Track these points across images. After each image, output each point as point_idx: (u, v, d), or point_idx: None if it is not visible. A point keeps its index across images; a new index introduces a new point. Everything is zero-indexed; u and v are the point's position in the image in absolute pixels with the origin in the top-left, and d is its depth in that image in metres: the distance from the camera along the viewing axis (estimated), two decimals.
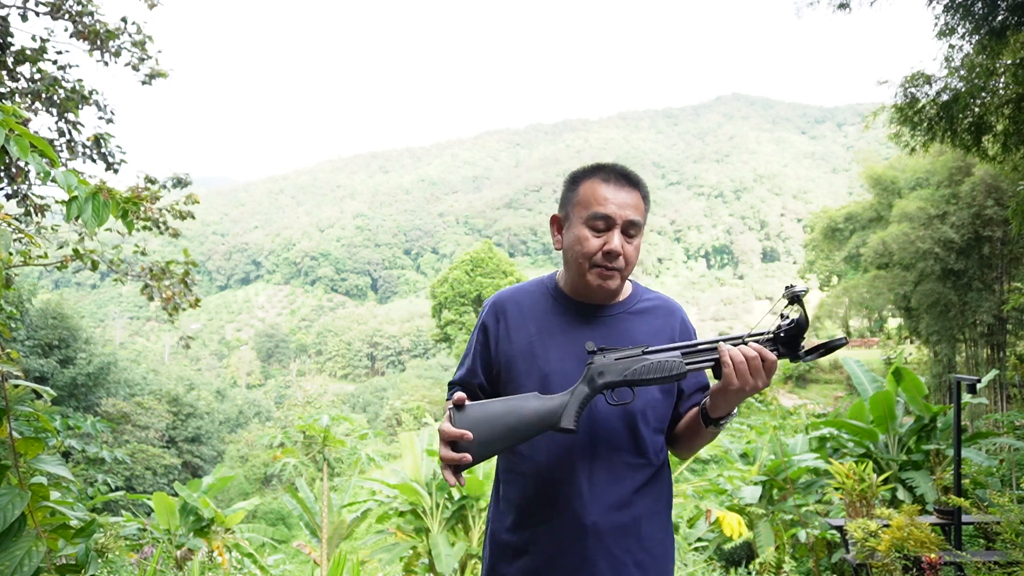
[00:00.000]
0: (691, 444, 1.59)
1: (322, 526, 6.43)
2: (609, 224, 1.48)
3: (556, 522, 1.47)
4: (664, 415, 1.58)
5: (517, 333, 1.58)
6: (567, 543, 1.46)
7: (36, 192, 4.80)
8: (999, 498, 3.34)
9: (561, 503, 1.47)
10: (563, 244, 1.56)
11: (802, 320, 1.33)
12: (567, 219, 1.55)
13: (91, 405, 21.39)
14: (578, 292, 1.57)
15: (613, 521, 1.47)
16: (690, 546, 6.73)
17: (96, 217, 1.63)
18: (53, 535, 1.76)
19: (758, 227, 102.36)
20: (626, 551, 1.48)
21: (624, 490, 1.49)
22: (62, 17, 4.99)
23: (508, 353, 1.58)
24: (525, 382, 1.53)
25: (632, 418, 1.51)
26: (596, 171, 1.54)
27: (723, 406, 1.42)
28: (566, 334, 1.55)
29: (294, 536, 18.95)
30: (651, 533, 1.52)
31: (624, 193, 1.50)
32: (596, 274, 1.50)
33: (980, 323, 15.66)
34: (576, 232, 1.51)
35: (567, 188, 1.57)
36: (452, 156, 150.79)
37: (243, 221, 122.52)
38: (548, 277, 1.67)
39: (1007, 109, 6.58)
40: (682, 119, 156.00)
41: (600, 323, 1.56)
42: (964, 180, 14.58)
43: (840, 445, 7.24)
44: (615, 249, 1.47)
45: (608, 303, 1.59)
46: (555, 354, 1.53)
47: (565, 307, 1.59)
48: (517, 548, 1.52)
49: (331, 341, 72.19)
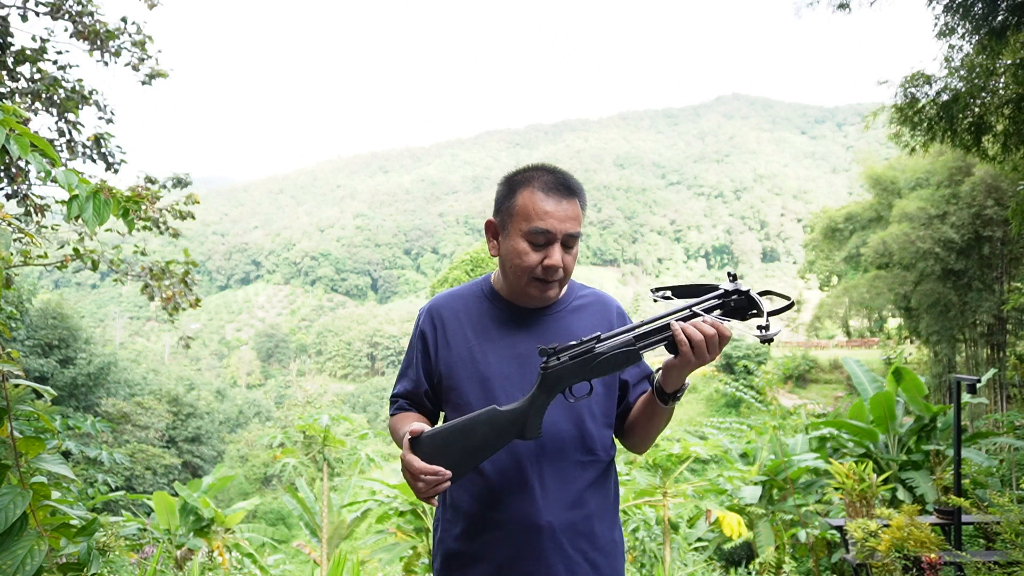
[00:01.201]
0: (647, 430, 1.56)
1: (322, 526, 6.43)
2: (549, 239, 1.44)
3: (510, 526, 1.45)
4: (609, 409, 1.57)
5: (455, 339, 1.56)
6: (522, 546, 1.45)
7: (36, 192, 4.80)
8: (999, 498, 3.34)
9: (514, 507, 1.45)
10: (500, 252, 1.53)
11: (751, 292, 1.32)
12: (504, 228, 1.51)
13: (91, 405, 21.39)
14: (516, 297, 1.56)
15: (566, 520, 1.46)
16: (690, 546, 6.73)
17: (97, 216, 1.62)
18: (55, 534, 1.76)
19: (758, 227, 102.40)
20: (579, 550, 1.47)
21: (575, 488, 1.48)
22: (62, 17, 4.99)
23: (448, 360, 1.56)
24: (467, 388, 1.52)
25: (579, 415, 1.51)
26: (533, 179, 1.47)
27: (677, 380, 1.40)
28: (504, 338, 1.54)
29: (294, 536, 18.96)
30: (602, 531, 1.52)
31: (564, 205, 1.45)
32: (535, 287, 1.49)
33: (980, 323, 15.65)
34: (514, 244, 1.47)
35: (504, 193, 1.52)
36: (452, 156, 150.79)
37: (243, 221, 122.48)
38: (483, 280, 1.64)
39: (1007, 109, 6.57)
40: (682, 119, 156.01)
41: (538, 324, 1.56)
42: (964, 180, 14.58)
43: (840, 445, 7.24)
44: (556, 264, 1.45)
45: (545, 304, 1.58)
46: (494, 358, 1.52)
47: (502, 310, 1.57)
48: (470, 556, 1.50)
49: (331, 341, 72.14)
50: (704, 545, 7.14)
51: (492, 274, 1.65)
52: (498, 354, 1.53)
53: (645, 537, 6.13)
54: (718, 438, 8.78)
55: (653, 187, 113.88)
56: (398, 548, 6.09)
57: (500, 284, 1.60)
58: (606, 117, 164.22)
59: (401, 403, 1.63)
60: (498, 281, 1.61)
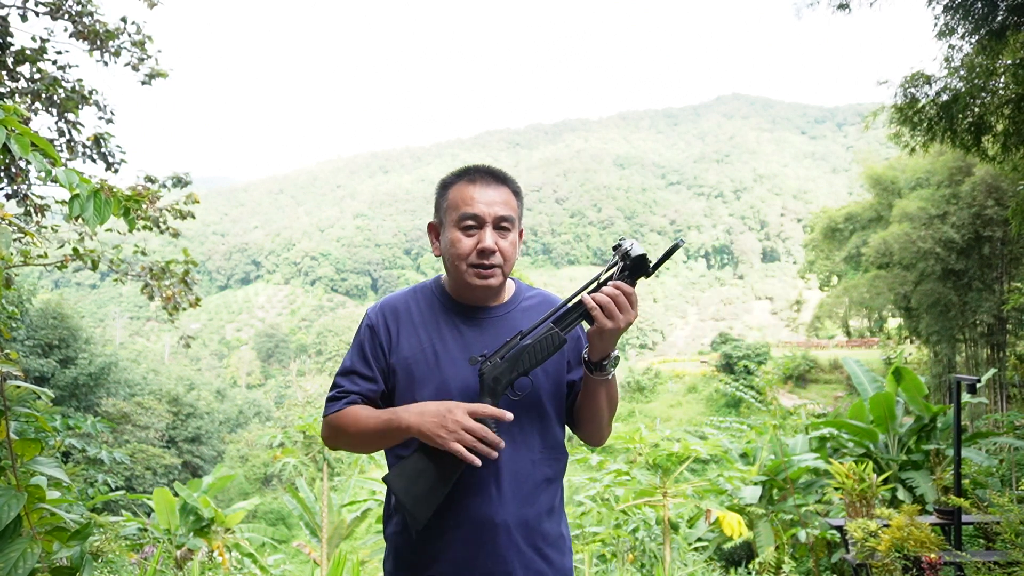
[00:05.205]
0: (590, 411, 1.56)
1: (322, 526, 6.43)
2: (480, 222, 1.50)
3: (467, 526, 1.47)
4: (558, 406, 1.59)
5: (408, 340, 1.57)
6: (479, 545, 1.46)
7: (36, 192, 4.79)
8: (999, 498, 3.34)
9: (472, 507, 1.47)
10: (440, 249, 1.58)
11: (641, 251, 1.40)
12: (441, 225, 1.57)
13: (91, 405, 21.38)
14: (462, 295, 1.58)
15: (520, 517, 1.48)
16: (690, 546, 6.73)
17: (98, 215, 1.62)
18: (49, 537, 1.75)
19: (758, 227, 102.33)
20: (533, 546, 1.49)
21: (528, 486, 1.51)
22: (62, 17, 4.99)
23: (401, 361, 1.55)
24: (421, 390, 1.52)
25: (530, 414, 1.53)
26: (463, 175, 1.56)
27: (601, 348, 1.44)
28: (456, 339, 1.55)
29: (294, 536, 18.96)
30: (551, 527, 1.54)
31: (491, 191, 1.52)
32: (474, 274, 1.51)
33: (980, 323, 15.66)
34: (450, 235, 1.52)
35: (439, 195, 1.58)
36: (452, 156, 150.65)
37: (243, 221, 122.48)
38: (432, 282, 1.66)
39: (1007, 109, 6.58)
40: (682, 119, 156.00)
41: (488, 324, 1.57)
42: (964, 180, 14.58)
43: (840, 445, 7.24)
44: (488, 247, 1.49)
45: (492, 304, 1.60)
46: (446, 359, 1.53)
47: (451, 311, 1.59)
48: (426, 559, 1.50)
49: (331, 341, 72.09)
50: (704, 545, 7.14)
51: (441, 276, 1.67)
52: (451, 355, 1.53)
53: (645, 537, 6.13)
54: (718, 438, 8.77)
55: (653, 187, 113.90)
56: None
57: (448, 285, 1.62)
58: (606, 117, 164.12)
59: (353, 398, 1.57)
60: (447, 283, 1.63)
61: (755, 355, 32.91)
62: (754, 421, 8.98)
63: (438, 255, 1.59)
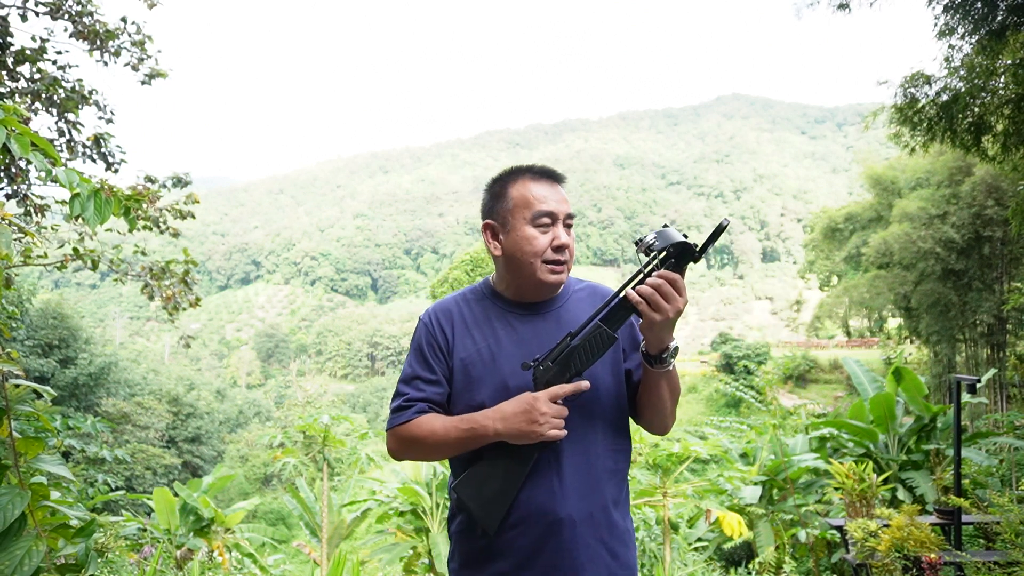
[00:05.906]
0: (650, 401, 1.56)
1: (322, 526, 6.42)
2: (553, 219, 1.53)
3: (531, 521, 1.48)
4: (619, 398, 1.59)
5: (463, 341, 1.58)
6: (544, 539, 1.47)
7: (36, 192, 4.79)
8: (999, 498, 3.34)
9: (534, 501, 1.48)
10: (505, 249, 1.56)
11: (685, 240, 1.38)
12: (505, 224, 1.56)
13: (91, 405, 21.39)
14: (523, 294, 1.59)
15: (585, 510, 1.49)
16: (690, 546, 6.73)
17: (98, 215, 1.63)
18: (53, 535, 1.76)
19: (758, 227, 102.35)
20: (599, 540, 1.50)
21: (592, 479, 1.51)
22: (62, 17, 4.98)
23: (459, 363, 1.56)
24: (480, 389, 1.53)
25: (590, 408, 1.53)
26: (521, 173, 1.57)
27: (655, 341, 1.44)
28: (510, 336, 1.56)
29: (294, 536, 18.97)
30: (617, 520, 1.55)
31: (557, 189, 1.56)
32: (549, 270, 1.53)
33: (980, 323, 15.65)
34: (521, 234, 1.53)
35: (493, 195, 1.59)
36: (452, 156, 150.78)
37: (243, 221, 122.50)
38: (480, 284, 1.67)
39: (1007, 109, 6.57)
40: (682, 119, 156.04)
41: (543, 319, 1.59)
42: (964, 180, 14.57)
43: (840, 445, 7.23)
44: (565, 243, 1.53)
45: (547, 299, 1.61)
46: (502, 357, 1.54)
47: (504, 309, 1.60)
48: (491, 555, 1.51)
49: (331, 341, 72.14)
50: (704, 545, 7.14)
51: (490, 277, 1.67)
52: (508, 354, 1.54)
53: (645, 537, 6.13)
54: (718, 438, 8.77)
55: (653, 187, 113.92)
56: (398, 548, 6.09)
57: (503, 284, 1.62)
58: (606, 117, 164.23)
59: (421, 406, 1.56)
60: (500, 282, 1.63)
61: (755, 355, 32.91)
62: (754, 421, 8.97)
63: (498, 255, 1.57)
